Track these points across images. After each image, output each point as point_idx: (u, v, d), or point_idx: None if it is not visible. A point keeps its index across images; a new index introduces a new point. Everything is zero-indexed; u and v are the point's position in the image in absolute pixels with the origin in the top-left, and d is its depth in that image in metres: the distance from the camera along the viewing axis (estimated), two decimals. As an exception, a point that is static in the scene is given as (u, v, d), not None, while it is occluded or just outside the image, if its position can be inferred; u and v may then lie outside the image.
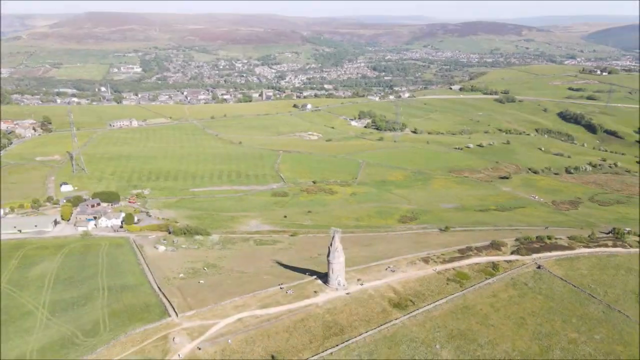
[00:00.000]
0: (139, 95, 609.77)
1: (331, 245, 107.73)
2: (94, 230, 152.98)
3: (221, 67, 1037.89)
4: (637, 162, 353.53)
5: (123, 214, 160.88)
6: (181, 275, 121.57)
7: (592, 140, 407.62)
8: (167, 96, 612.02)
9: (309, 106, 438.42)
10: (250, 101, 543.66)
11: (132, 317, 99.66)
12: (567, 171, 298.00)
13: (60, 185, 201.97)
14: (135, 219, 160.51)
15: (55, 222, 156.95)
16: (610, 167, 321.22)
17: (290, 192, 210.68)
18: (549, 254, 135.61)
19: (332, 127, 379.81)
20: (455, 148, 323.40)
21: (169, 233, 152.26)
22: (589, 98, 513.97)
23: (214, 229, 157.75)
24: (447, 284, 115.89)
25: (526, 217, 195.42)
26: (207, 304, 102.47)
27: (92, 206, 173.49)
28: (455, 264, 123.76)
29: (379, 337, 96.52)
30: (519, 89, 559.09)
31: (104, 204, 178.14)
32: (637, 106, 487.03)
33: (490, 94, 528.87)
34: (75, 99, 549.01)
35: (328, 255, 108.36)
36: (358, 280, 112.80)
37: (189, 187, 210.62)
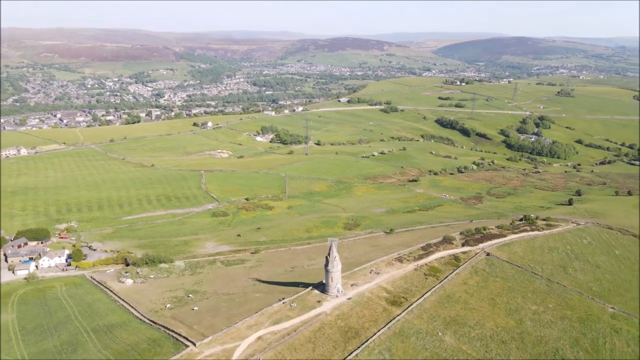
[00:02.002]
0: (2, 120, 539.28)
1: (329, 255, 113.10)
2: (38, 272, 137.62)
3: (89, 86, 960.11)
4: (506, 159, 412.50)
5: (67, 251, 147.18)
6: (168, 305, 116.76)
7: (468, 142, 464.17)
8: (37, 119, 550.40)
9: (209, 124, 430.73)
10: (138, 122, 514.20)
11: (143, 354, 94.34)
12: (459, 171, 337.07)
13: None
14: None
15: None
16: (489, 164, 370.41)
17: (229, 211, 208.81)
18: (490, 242, 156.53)
19: (239, 144, 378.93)
20: (363, 157, 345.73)
21: (127, 265, 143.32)
22: (457, 106, 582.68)
23: (172, 255, 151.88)
24: (426, 278, 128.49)
25: (448, 213, 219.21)
26: (219, 328, 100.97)
27: (19, 246, 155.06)
28: (425, 260, 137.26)
29: (390, 334, 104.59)
30: (398, 99, 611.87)
31: (32, 243, 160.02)
32: (497, 111, 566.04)
33: (376, 104, 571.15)
34: None
35: (327, 265, 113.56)
36: (352, 285, 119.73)
37: (120, 215, 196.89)
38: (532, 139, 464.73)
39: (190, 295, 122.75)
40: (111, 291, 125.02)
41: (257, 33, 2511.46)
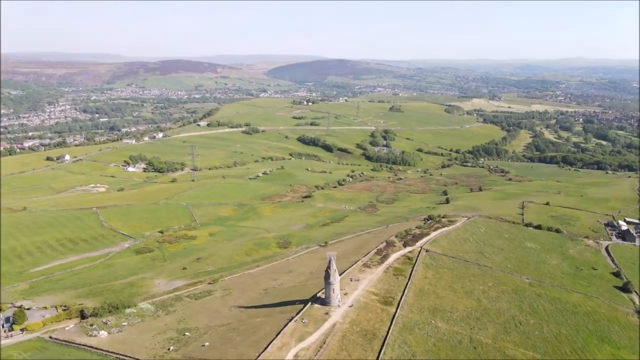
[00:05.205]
0: None
1: (329, 268, 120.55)
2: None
3: None
4: (371, 169, 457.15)
5: (2, 315, 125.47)
6: (171, 347, 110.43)
7: (332, 157, 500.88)
8: None
9: (67, 157, 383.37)
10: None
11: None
12: (340, 184, 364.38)
13: None
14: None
15: None
16: (360, 175, 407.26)
17: (152, 247, 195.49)
18: (422, 241, 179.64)
19: (112, 176, 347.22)
20: (250, 178, 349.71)
21: (84, 318, 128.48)
22: (312, 124, 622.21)
23: (128, 298, 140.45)
24: (397, 278, 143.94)
25: (359, 222, 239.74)
26: (251, 356, 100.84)
27: None
28: (388, 263, 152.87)
29: (398, 329, 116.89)
30: (255, 120, 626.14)
31: None
32: (347, 127, 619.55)
33: (236, 127, 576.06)
34: None
35: (328, 278, 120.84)
36: (345, 294, 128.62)
37: (25, 268, 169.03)
38: (385, 151, 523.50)
39: (187, 333, 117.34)
40: (90, 347, 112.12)
41: (75, 55, 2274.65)
